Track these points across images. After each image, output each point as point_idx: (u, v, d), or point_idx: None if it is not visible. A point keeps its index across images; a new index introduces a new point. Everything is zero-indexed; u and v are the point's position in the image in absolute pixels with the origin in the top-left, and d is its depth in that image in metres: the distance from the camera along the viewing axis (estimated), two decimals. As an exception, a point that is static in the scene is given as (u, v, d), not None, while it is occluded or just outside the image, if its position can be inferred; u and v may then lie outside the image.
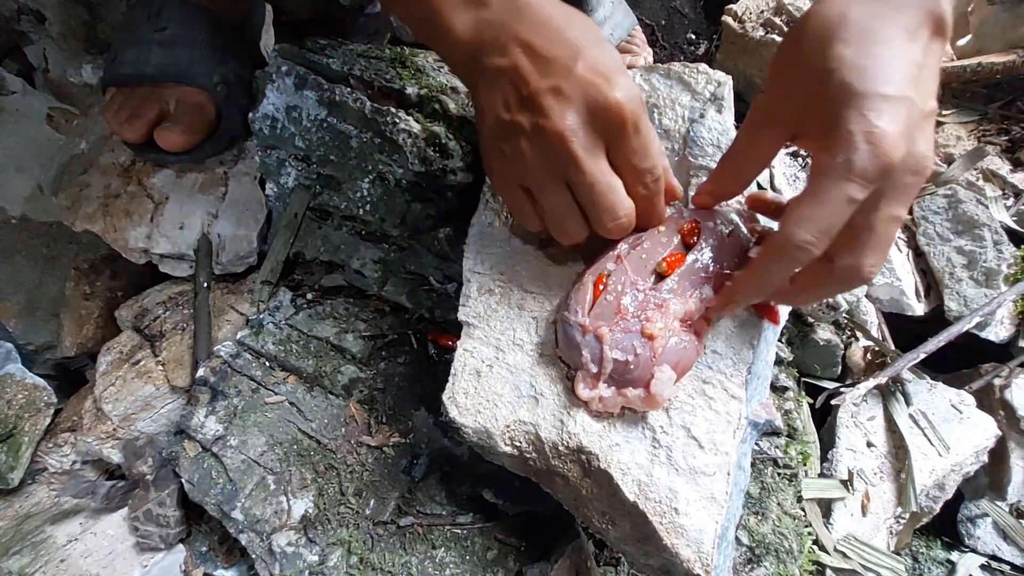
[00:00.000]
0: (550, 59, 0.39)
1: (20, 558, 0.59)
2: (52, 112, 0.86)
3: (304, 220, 0.69)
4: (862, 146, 0.34)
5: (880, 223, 0.36)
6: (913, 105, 0.35)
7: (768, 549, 0.56)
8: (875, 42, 0.35)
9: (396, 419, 0.60)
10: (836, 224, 0.35)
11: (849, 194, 0.34)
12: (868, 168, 0.34)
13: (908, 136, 0.34)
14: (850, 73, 0.35)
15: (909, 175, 0.35)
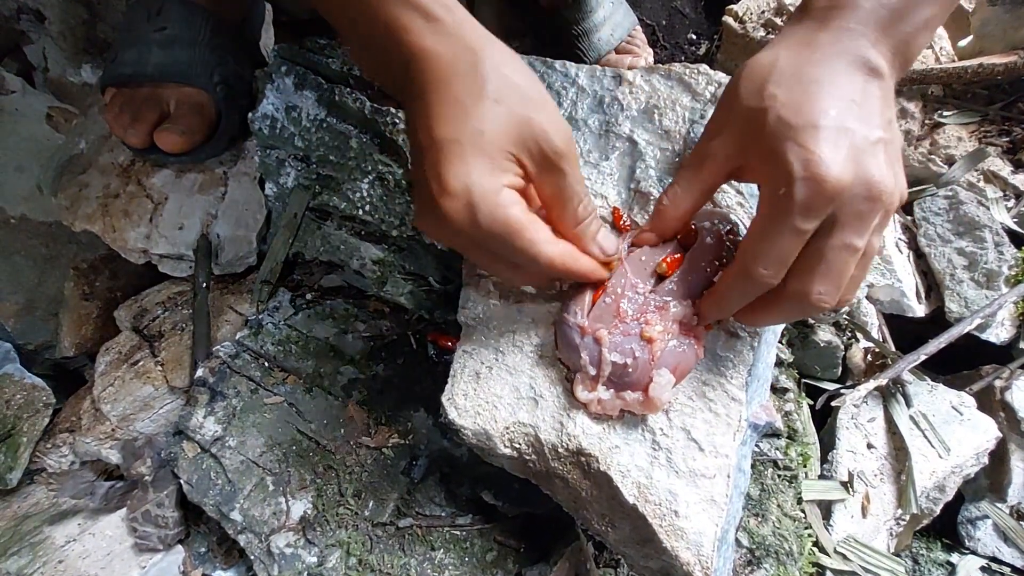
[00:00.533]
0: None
1: (18, 559, 0.59)
2: (51, 112, 0.86)
3: (303, 220, 0.69)
4: (801, 175, 0.34)
5: (831, 251, 0.35)
6: (853, 133, 0.35)
7: (768, 551, 0.56)
8: (807, 82, 0.36)
9: (395, 420, 0.60)
10: (788, 254, 0.35)
11: (795, 225, 0.34)
12: (809, 197, 0.34)
13: (853, 160, 0.34)
14: (784, 109, 0.35)
15: (861, 201, 0.34)
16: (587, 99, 0.53)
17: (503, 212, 0.37)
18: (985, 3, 0.78)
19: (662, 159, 0.50)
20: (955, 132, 0.75)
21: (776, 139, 0.35)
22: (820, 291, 0.36)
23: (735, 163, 0.39)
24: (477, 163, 0.36)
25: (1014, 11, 0.76)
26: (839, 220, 0.35)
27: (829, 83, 0.36)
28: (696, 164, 0.41)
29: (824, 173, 0.33)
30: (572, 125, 0.53)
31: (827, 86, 0.36)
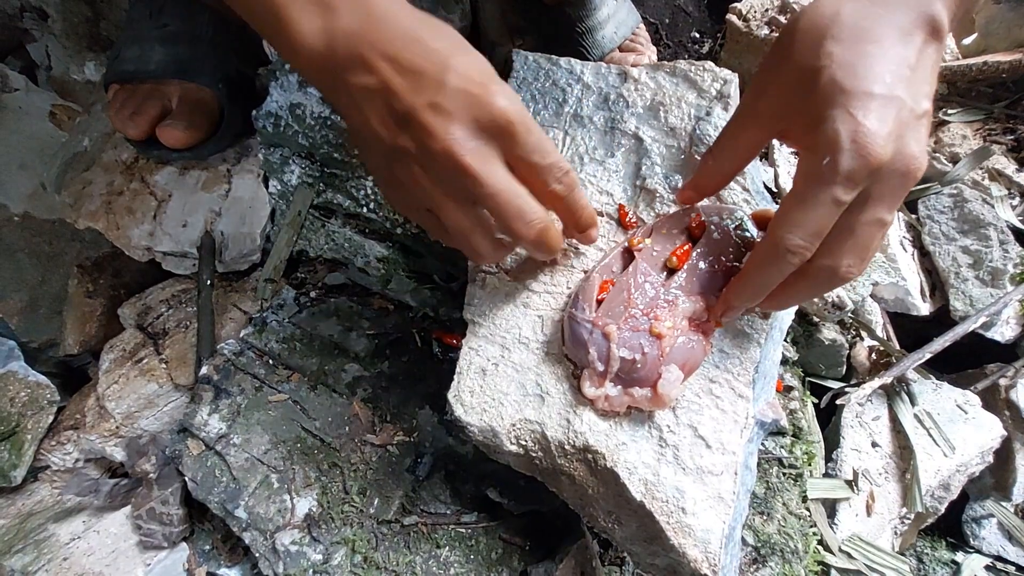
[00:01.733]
0: (419, 73, 0.35)
1: (23, 556, 0.59)
2: (55, 109, 0.85)
3: (307, 218, 0.69)
4: (847, 146, 0.33)
5: (862, 226, 0.35)
6: (903, 105, 0.34)
7: (773, 549, 0.56)
8: (867, 40, 0.35)
9: (400, 418, 0.60)
10: (825, 226, 0.35)
11: (836, 196, 0.34)
12: (854, 169, 0.33)
13: (897, 136, 0.34)
14: (839, 71, 0.34)
15: (897, 177, 0.34)
16: (592, 96, 0.53)
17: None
18: (990, 1, 0.78)
19: (668, 156, 0.50)
20: (960, 130, 0.75)
21: (826, 104, 0.34)
22: (848, 264, 0.36)
23: (781, 124, 0.38)
24: None
25: (1019, 9, 0.76)
26: (873, 194, 0.34)
27: (889, 44, 0.35)
28: (741, 123, 0.40)
29: (871, 146, 0.33)
30: (577, 122, 0.53)
31: (886, 47, 0.34)
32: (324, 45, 0.36)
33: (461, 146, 0.36)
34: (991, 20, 0.78)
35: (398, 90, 0.35)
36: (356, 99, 0.37)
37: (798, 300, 0.40)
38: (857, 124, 0.33)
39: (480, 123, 0.36)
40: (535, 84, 0.55)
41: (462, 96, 0.36)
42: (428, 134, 0.35)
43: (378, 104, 0.36)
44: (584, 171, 0.51)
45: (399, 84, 0.35)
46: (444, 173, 0.37)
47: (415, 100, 0.35)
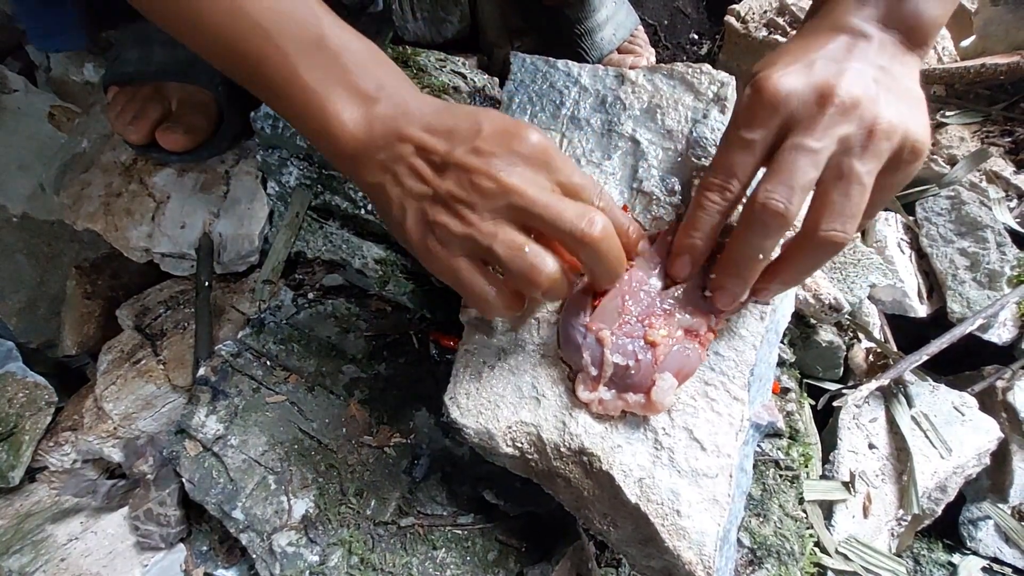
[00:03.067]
0: (452, 130, 0.38)
1: (20, 557, 0.59)
2: (54, 110, 0.86)
3: (305, 219, 0.69)
4: (747, 91, 0.38)
5: (781, 152, 0.36)
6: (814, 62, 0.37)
7: (769, 551, 0.56)
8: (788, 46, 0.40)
9: (397, 419, 0.60)
10: (738, 163, 0.38)
11: (740, 135, 0.37)
12: (751, 105, 0.37)
13: (804, 75, 0.36)
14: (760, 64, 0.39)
15: (811, 106, 0.36)
16: (589, 98, 0.53)
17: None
18: (988, 3, 0.78)
19: (664, 159, 0.50)
20: (957, 132, 0.75)
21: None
22: (767, 190, 0.36)
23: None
24: None
25: (1017, 11, 0.76)
26: (790, 127, 0.37)
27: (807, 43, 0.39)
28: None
29: (764, 84, 0.37)
30: (574, 124, 0.53)
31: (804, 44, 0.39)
32: (364, 131, 0.39)
33: (506, 171, 0.37)
34: (989, 22, 0.78)
35: (435, 146, 0.38)
36: (391, 170, 0.39)
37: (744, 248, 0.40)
38: (756, 76, 0.38)
39: (519, 155, 0.38)
40: (532, 86, 0.55)
41: (497, 137, 0.38)
42: (470, 170, 0.37)
43: (414, 165, 0.39)
44: (581, 173, 0.52)
45: (434, 143, 0.38)
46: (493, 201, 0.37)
47: (453, 149, 0.38)
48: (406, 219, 0.39)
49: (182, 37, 0.40)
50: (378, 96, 0.39)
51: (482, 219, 0.38)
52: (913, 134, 0.36)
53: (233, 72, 0.41)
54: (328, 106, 0.39)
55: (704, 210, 0.40)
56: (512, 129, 0.38)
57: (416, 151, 0.38)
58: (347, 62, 0.39)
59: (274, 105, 0.41)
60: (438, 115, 0.39)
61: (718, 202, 0.39)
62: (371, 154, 0.39)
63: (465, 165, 0.37)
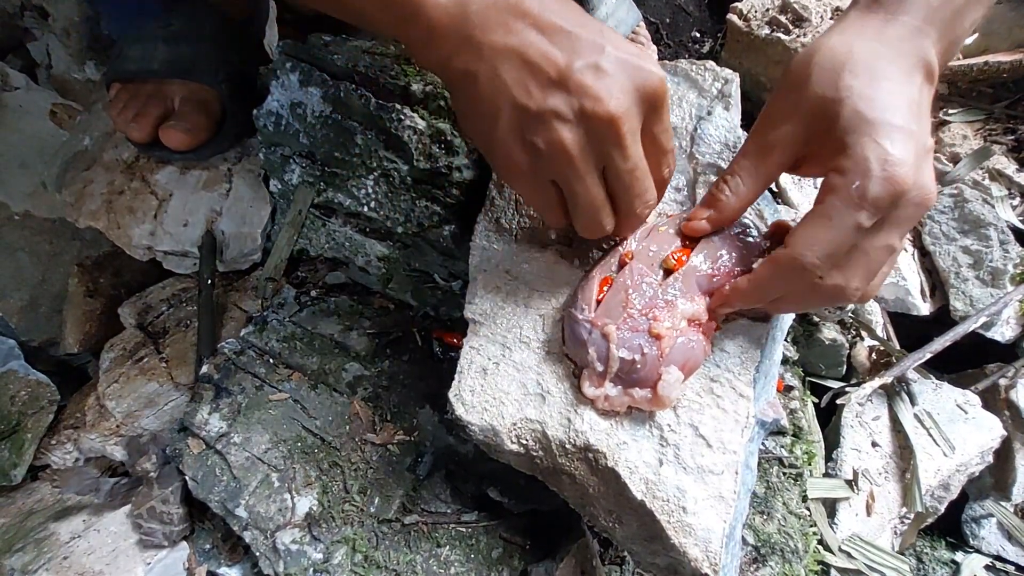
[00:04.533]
0: (575, 35, 0.35)
1: (23, 555, 0.59)
2: (55, 108, 0.85)
3: (308, 217, 0.69)
4: (877, 173, 0.34)
5: (875, 250, 0.36)
6: (918, 138, 0.35)
7: (773, 549, 0.56)
8: (881, 77, 0.36)
9: (401, 417, 0.60)
10: (843, 249, 0.36)
11: (859, 221, 0.35)
12: (881, 196, 0.34)
13: (916, 167, 0.35)
14: (861, 102, 0.36)
15: (913, 207, 0.36)
16: (594, 96, 0.53)
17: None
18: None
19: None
20: (960, 130, 0.75)
21: (852, 132, 0.35)
22: (857, 286, 0.37)
23: (800, 152, 0.40)
24: None
25: (1020, 9, 0.76)
26: (889, 220, 0.36)
27: (899, 82, 0.37)
28: (759, 154, 0.41)
29: (900, 175, 0.34)
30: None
31: (898, 85, 0.36)
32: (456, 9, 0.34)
33: (625, 112, 0.35)
34: (992, 20, 0.78)
35: (549, 51, 0.34)
36: (493, 63, 0.35)
37: (798, 309, 0.43)
38: (885, 152, 0.34)
39: (640, 92, 0.36)
40: (536, 83, 0.55)
41: (623, 63, 0.35)
42: (590, 95, 0.34)
43: (522, 67, 0.35)
44: (585, 170, 0.51)
45: (548, 46, 0.34)
46: (597, 141, 0.36)
47: (572, 60, 0.34)
48: (498, 120, 0.36)
49: None
50: None
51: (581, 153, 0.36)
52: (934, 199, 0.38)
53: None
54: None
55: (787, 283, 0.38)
56: (637, 60, 0.36)
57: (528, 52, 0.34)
58: None
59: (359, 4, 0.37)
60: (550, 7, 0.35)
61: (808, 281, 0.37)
62: (468, 33, 0.35)
63: (585, 87, 0.34)
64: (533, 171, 0.38)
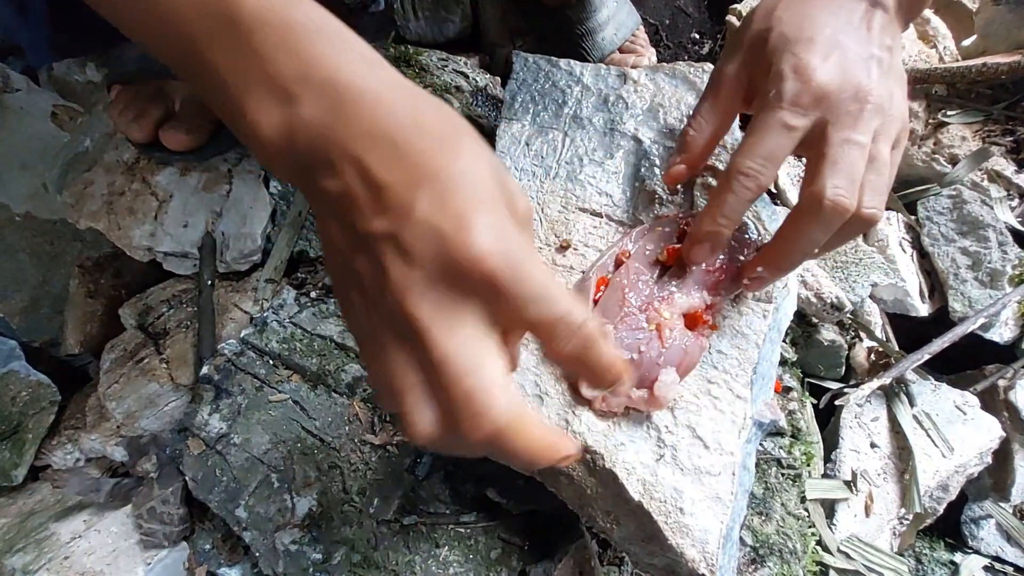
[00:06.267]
0: (383, 187, 0.26)
1: (24, 555, 0.59)
2: (56, 110, 0.86)
3: (308, 218, 0.69)
4: (789, 76, 0.38)
5: (831, 146, 0.37)
6: (847, 47, 0.38)
7: (772, 549, 0.56)
8: (811, 6, 0.40)
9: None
10: (777, 150, 0.38)
11: (783, 120, 0.37)
12: (796, 93, 0.37)
13: (841, 68, 0.38)
14: (787, 27, 0.39)
15: (851, 102, 0.37)
16: (592, 97, 0.54)
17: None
18: (989, 3, 0.78)
19: (666, 157, 0.51)
20: (959, 131, 0.75)
21: (775, 52, 0.39)
22: (834, 184, 0.37)
23: (744, 83, 0.42)
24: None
25: (1018, 11, 0.76)
26: (830, 120, 0.38)
27: (831, 9, 0.40)
28: (711, 90, 0.44)
29: (811, 73, 0.37)
30: (577, 123, 0.53)
31: (828, 10, 0.40)
32: (285, 140, 0.28)
33: (417, 298, 0.27)
34: (990, 22, 0.78)
35: (359, 206, 0.27)
36: (320, 204, 0.29)
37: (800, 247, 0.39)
38: (798, 59, 0.38)
39: (449, 272, 0.27)
40: (535, 85, 0.55)
41: (430, 232, 0.26)
42: (382, 271, 0.27)
43: (340, 215, 0.28)
44: (583, 172, 0.52)
45: (361, 198, 0.27)
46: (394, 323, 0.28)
47: (375, 225, 0.27)
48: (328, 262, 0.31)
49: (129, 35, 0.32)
50: (298, 91, 0.27)
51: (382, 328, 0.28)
52: (906, 114, 0.40)
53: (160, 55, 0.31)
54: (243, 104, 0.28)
55: (736, 195, 0.39)
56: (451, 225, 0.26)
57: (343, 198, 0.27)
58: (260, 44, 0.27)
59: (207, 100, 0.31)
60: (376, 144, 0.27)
61: (752, 188, 0.39)
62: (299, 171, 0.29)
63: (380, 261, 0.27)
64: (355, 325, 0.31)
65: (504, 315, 0.28)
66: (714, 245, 0.41)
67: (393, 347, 0.28)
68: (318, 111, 0.27)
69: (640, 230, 0.46)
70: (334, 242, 0.29)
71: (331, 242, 0.29)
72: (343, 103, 0.27)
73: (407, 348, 0.28)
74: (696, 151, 0.45)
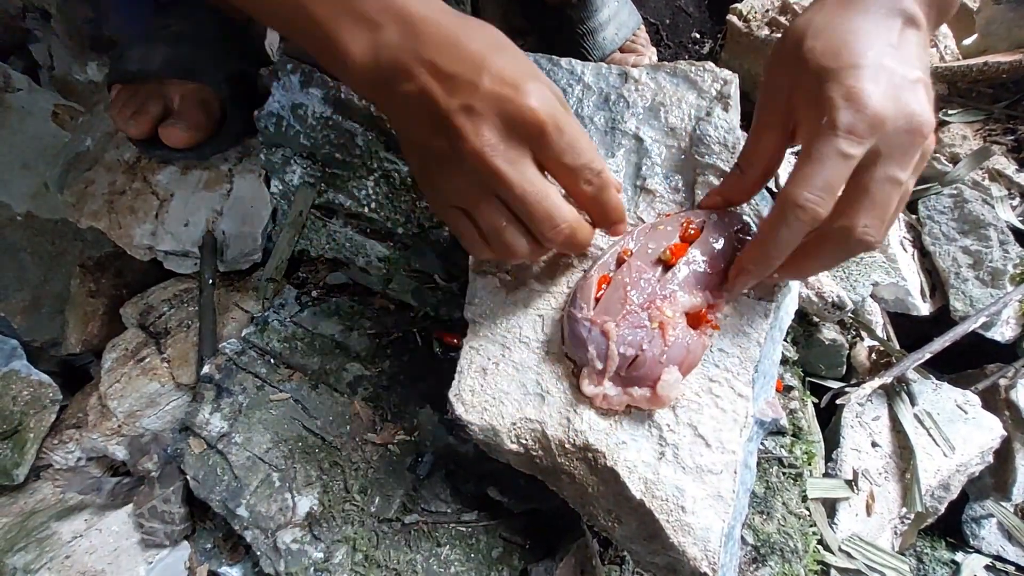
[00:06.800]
0: (454, 76, 0.37)
1: (25, 554, 0.59)
2: (57, 109, 0.86)
3: (309, 218, 0.69)
4: (842, 103, 0.36)
5: (875, 183, 0.36)
6: (892, 71, 0.36)
7: (773, 548, 0.56)
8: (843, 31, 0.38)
9: (401, 417, 0.60)
10: (835, 181, 0.36)
11: (840, 149, 0.35)
12: (853, 123, 0.35)
13: (893, 95, 0.36)
14: (823, 58, 0.37)
15: (903, 134, 0.36)
16: (593, 96, 0.54)
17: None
18: (990, 2, 0.78)
19: (668, 156, 0.51)
20: (960, 130, 0.75)
21: (818, 82, 0.37)
22: (866, 224, 0.36)
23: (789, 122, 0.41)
24: None
25: (1019, 10, 0.76)
26: (882, 152, 0.36)
27: (865, 30, 0.38)
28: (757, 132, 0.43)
29: (866, 100, 0.35)
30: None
31: (863, 33, 0.38)
32: (372, 60, 0.38)
33: (492, 148, 0.37)
34: (991, 21, 0.79)
35: (435, 94, 0.37)
36: (401, 106, 0.39)
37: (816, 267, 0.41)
38: (848, 86, 0.36)
39: (511, 124, 0.37)
40: (536, 84, 0.55)
41: (494, 98, 0.37)
42: (460, 136, 0.37)
43: (419, 109, 0.38)
44: (585, 171, 0.52)
45: (435, 88, 0.37)
46: (476, 175, 0.38)
47: (449, 103, 0.37)
48: (412, 156, 0.41)
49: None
50: (381, 20, 0.37)
51: (469, 187, 0.38)
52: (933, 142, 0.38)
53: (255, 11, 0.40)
54: (336, 36, 0.37)
55: (790, 229, 0.37)
56: (509, 92, 0.37)
57: (419, 94, 0.37)
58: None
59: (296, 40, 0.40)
60: (443, 48, 0.37)
61: (807, 222, 0.37)
62: (383, 84, 0.38)
63: (457, 128, 0.37)
64: (441, 201, 0.41)
65: (547, 157, 0.39)
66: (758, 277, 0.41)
67: (480, 201, 0.39)
68: (395, 33, 0.37)
69: (642, 228, 0.46)
70: (414, 140, 0.39)
71: (411, 141, 0.40)
72: (413, 23, 0.37)
73: (489, 198, 0.39)
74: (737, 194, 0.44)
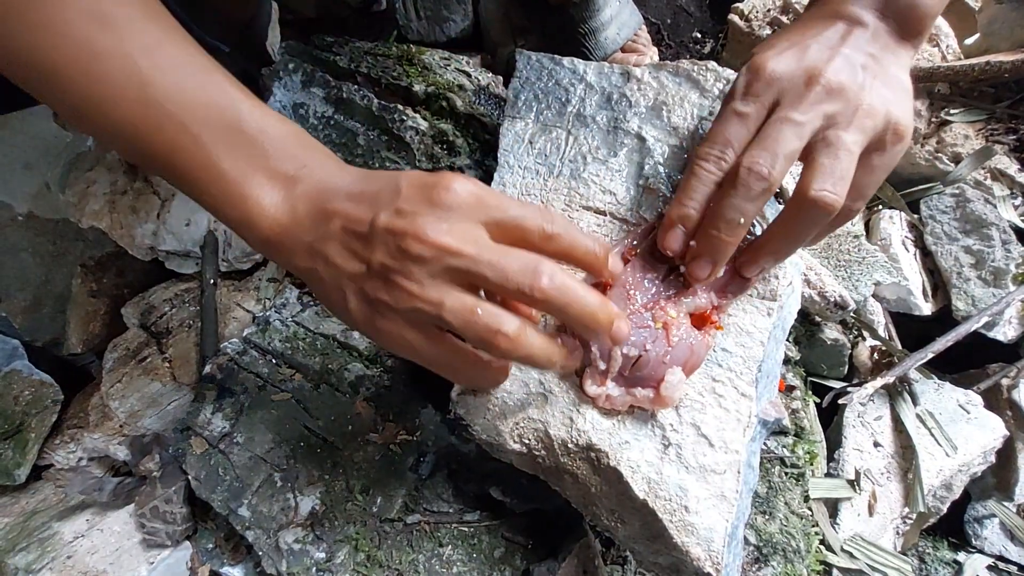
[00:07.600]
0: (373, 195, 0.36)
1: (27, 554, 0.59)
2: (58, 109, 0.86)
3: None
4: (743, 72, 0.41)
5: (769, 124, 0.39)
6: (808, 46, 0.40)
7: (775, 548, 0.56)
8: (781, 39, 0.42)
9: (403, 416, 0.60)
10: (732, 135, 0.40)
11: (734, 107, 0.40)
12: (746, 81, 0.40)
13: (797, 59, 0.39)
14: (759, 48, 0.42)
15: (800, 85, 0.38)
16: (595, 96, 0.53)
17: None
18: (992, 1, 0.78)
19: (670, 155, 0.50)
20: (962, 130, 0.75)
21: None
22: (754, 155, 0.38)
23: None
24: None
25: (1021, 9, 0.76)
26: (780, 102, 0.39)
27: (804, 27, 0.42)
28: None
29: (761, 63, 0.39)
30: (580, 122, 0.53)
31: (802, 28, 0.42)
32: (287, 214, 0.37)
33: (434, 228, 0.34)
34: (993, 20, 0.78)
35: (359, 215, 0.35)
36: (321, 250, 0.36)
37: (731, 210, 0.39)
38: (753, 57, 0.40)
39: (445, 207, 0.34)
40: (538, 83, 0.55)
41: (418, 193, 0.35)
42: (395, 234, 0.34)
43: (343, 241, 0.36)
44: (587, 171, 0.52)
45: (358, 212, 0.35)
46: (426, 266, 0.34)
47: (374, 215, 0.35)
48: (347, 302, 0.36)
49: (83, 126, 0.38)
50: (299, 176, 0.37)
51: (423, 287, 0.34)
52: (895, 116, 0.39)
53: (144, 162, 0.38)
54: (248, 193, 0.36)
55: (698, 178, 0.41)
56: (432, 181, 0.35)
57: (343, 227, 0.36)
58: (266, 146, 0.37)
59: (192, 195, 0.38)
60: (360, 183, 0.37)
61: (712, 171, 0.40)
62: (298, 237, 0.37)
63: (391, 229, 0.34)
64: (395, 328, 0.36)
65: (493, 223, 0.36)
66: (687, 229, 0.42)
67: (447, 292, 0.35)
68: (310, 186, 0.37)
69: (645, 228, 0.46)
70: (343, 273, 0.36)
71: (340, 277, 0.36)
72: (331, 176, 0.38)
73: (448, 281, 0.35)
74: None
